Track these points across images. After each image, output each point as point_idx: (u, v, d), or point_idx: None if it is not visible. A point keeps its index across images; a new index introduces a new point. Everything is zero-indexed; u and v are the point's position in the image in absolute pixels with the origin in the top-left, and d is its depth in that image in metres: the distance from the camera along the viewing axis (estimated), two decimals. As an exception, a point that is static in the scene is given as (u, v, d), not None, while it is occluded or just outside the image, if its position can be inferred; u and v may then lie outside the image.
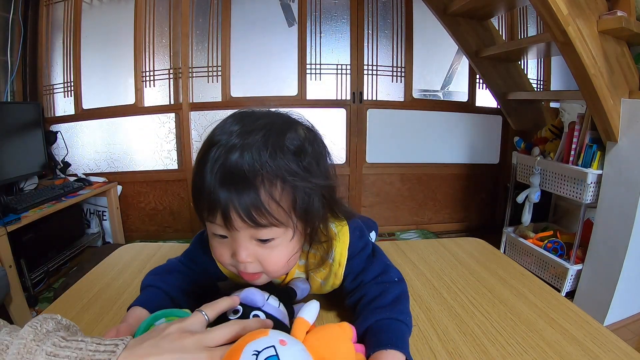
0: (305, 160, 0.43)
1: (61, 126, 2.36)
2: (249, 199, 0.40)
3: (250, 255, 0.44)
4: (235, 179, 0.40)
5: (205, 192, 0.41)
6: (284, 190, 0.42)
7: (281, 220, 0.42)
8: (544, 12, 1.29)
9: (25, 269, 1.62)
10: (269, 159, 0.41)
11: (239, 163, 0.40)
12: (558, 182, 1.71)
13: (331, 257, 0.51)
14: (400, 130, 2.51)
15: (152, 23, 2.31)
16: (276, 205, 0.41)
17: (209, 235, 0.47)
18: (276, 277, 0.50)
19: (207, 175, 0.41)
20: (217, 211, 0.41)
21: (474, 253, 0.78)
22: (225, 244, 0.45)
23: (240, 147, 0.41)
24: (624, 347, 0.47)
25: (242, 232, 0.42)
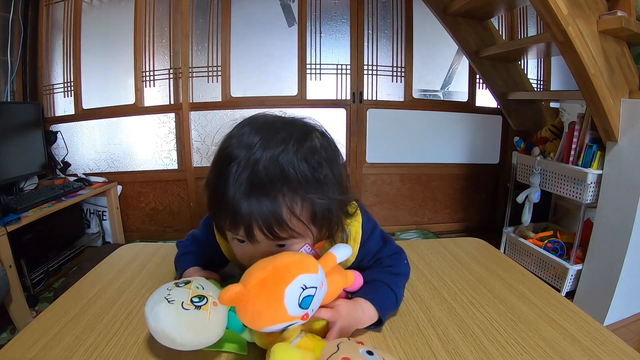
0: (323, 173, 0.45)
1: (61, 126, 2.36)
2: (271, 216, 0.42)
3: None
4: (258, 196, 0.41)
5: (228, 207, 0.42)
6: (304, 206, 0.44)
7: (300, 232, 0.45)
8: (544, 12, 1.29)
9: (25, 269, 1.62)
10: (290, 177, 0.42)
11: (261, 181, 0.42)
12: (558, 182, 1.71)
13: (346, 235, 0.54)
14: (400, 130, 2.51)
15: (152, 23, 2.31)
16: (297, 220, 0.43)
17: (229, 237, 0.49)
18: None
19: (229, 191, 0.42)
20: (240, 226, 0.43)
21: (474, 253, 0.78)
22: (246, 249, 0.47)
23: (261, 165, 0.42)
24: (624, 347, 0.47)
25: (263, 243, 0.44)
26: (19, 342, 0.48)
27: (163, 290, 0.42)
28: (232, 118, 2.37)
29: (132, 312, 0.54)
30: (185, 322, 0.39)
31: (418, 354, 0.46)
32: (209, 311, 0.40)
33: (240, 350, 0.45)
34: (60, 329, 0.50)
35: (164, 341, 0.40)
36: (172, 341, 0.39)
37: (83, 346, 0.47)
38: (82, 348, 0.46)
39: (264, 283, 0.38)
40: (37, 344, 0.47)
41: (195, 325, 0.39)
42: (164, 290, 0.42)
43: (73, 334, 0.49)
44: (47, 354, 0.45)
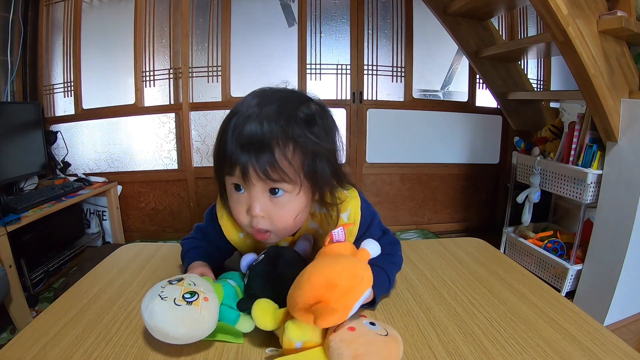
0: (315, 128, 0.50)
1: (61, 126, 2.36)
2: (265, 158, 0.46)
3: (262, 209, 0.50)
4: (253, 140, 0.46)
5: (227, 153, 0.48)
6: (295, 152, 0.48)
7: (291, 177, 0.48)
8: (544, 12, 1.29)
9: (25, 268, 1.62)
10: (283, 124, 0.47)
11: (256, 127, 0.47)
12: (558, 182, 1.71)
13: (346, 216, 0.57)
14: (400, 130, 2.51)
15: (152, 23, 2.31)
16: (288, 163, 0.48)
17: (228, 192, 0.53)
18: (284, 235, 0.55)
19: (228, 138, 0.48)
20: (237, 167, 0.47)
21: (474, 253, 0.78)
22: (242, 200, 0.51)
23: (257, 115, 0.47)
24: (624, 347, 0.47)
25: (257, 186, 0.49)
26: (19, 342, 0.48)
27: (157, 288, 0.44)
28: (232, 118, 2.38)
29: (132, 312, 0.54)
30: (178, 317, 0.41)
31: (418, 354, 0.46)
32: (199, 306, 0.42)
33: (236, 339, 0.47)
34: (60, 329, 0.50)
35: (158, 336, 0.42)
36: (166, 335, 0.41)
37: (83, 346, 0.47)
38: (82, 348, 0.46)
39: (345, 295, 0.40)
40: (37, 344, 0.47)
41: (187, 319, 0.42)
42: (158, 288, 0.44)
43: (73, 334, 0.49)
44: (47, 354, 0.45)
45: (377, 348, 0.39)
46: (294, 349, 0.42)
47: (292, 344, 0.42)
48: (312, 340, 0.42)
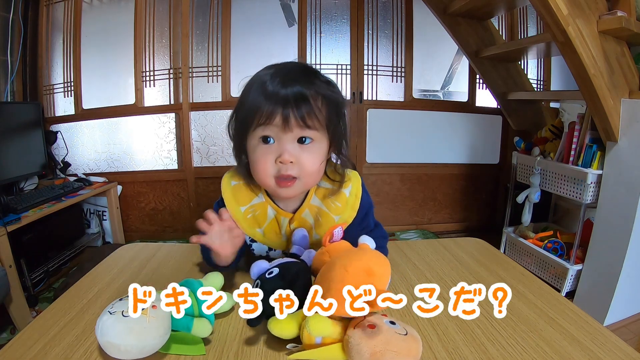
0: (334, 88, 0.60)
1: (61, 126, 2.36)
2: (303, 107, 0.54)
3: (292, 155, 0.56)
4: (293, 92, 0.54)
5: (263, 105, 0.54)
6: (323, 104, 0.57)
7: (319, 128, 0.56)
8: (544, 12, 1.29)
9: (25, 268, 1.62)
10: (312, 81, 0.56)
11: (292, 82, 0.54)
12: (558, 182, 1.71)
13: (348, 191, 0.65)
14: (400, 130, 2.51)
15: (152, 23, 2.31)
16: (319, 112, 0.56)
17: (251, 148, 0.58)
18: (307, 184, 0.61)
19: (267, 88, 0.54)
20: (277, 114, 0.54)
21: (474, 253, 0.78)
22: (270, 150, 0.56)
23: (287, 74, 0.56)
24: (624, 347, 0.47)
25: (290, 135, 0.55)
26: (19, 342, 0.48)
27: (108, 306, 0.45)
28: (232, 118, 2.38)
29: (132, 312, 0.54)
30: (125, 327, 0.41)
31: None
32: (147, 314, 0.42)
33: (197, 351, 0.46)
34: (60, 329, 0.50)
35: (111, 352, 0.42)
36: (118, 349, 0.41)
37: (83, 346, 0.47)
38: (82, 348, 0.46)
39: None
40: (37, 344, 0.47)
41: (135, 329, 0.41)
42: (109, 306, 0.45)
43: (73, 334, 0.49)
44: (47, 354, 0.45)
45: (396, 346, 0.39)
46: (314, 344, 0.43)
47: (312, 339, 0.43)
48: (332, 335, 0.43)
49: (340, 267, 0.44)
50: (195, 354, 0.45)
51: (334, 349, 0.42)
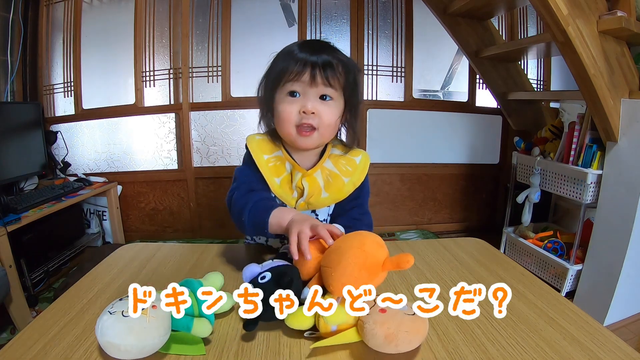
0: (352, 62, 0.71)
1: (61, 126, 2.36)
2: (328, 68, 0.66)
3: (314, 107, 0.66)
4: (323, 50, 0.67)
5: (296, 62, 0.65)
6: (342, 70, 0.68)
7: (337, 89, 0.68)
8: (544, 12, 1.29)
9: (25, 268, 1.62)
10: (334, 52, 0.69)
11: (320, 49, 0.68)
12: (558, 182, 1.71)
13: (358, 159, 0.76)
14: (400, 130, 2.51)
15: (152, 23, 2.31)
16: (340, 75, 0.67)
17: (278, 101, 0.69)
18: (323, 138, 0.70)
19: (297, 52, 0.66)
20: (307, 72, 0.65)
21: (474, 253, 0.78)
22: (296, 102, 0.67)
23: (314, 44, 0.70)
24: (624, 347, 0.47)
25: (314, 90, 0.66)
26: (19, 342, 0.48)
27: (108, 306, 0.45)
28: (232, 118, 2.38)
29: (132, 312, 0.54)
30: (125, 327, 0.41)
31: (418, 354, 0.46)
32: (147, 314, 0.43)
33: (197, 351, 0.46)
34: (60, 329, 0.50)
35: (111, 352, 0.42)
36: (118, 349, 0.41)
37: (83, 346, 0.47)
38: (82, 348, 0.46)
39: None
40: (37, 344, 0.47)
41: (135, 329, 0.42)
42: (109, 306, 0.45)
43: (73, 334, 0.49)
44: (47, 354, 0.45)
45: (406, 327, 0.44)
46: (330, 332, 0.47)
47: (328, 327, 0.47)
48: (347, 322, 0.47)
49: (356, 249, 0.49)
50: (195, 354, 0.45)
51: (350, 334, 0.47)
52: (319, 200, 0.73)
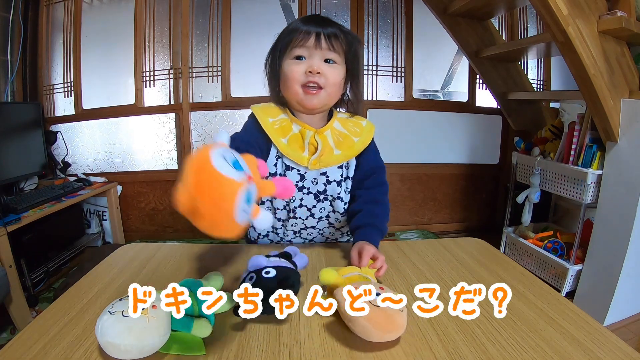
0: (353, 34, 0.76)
1: (61, 126, 2.36)
2: (332, 31, 0.71)
3: (320, 67, 0.70)
4: (326, 21, 0.72)
5: (301, 30, 0.70)
6: (344, 40, 0.73)
7: (342, 52, 0.73)
8: (544, 12, 1.29)
9: (25, 269, 1.62)
10: (340, 25, 0.74)
11: (323, 18, 0.73)
12: (558, 182, 1.71)
13: (364, 122, 0.82)
14: (400, 130, 2.51)
15: (152, 23, 2.31)
16: (342, 41, 0.72)
17: (286, 65, 0.72)
18: (329, 97, 0.74)
19: (301, 24, 0.71)
20: (312, 35, 0.70)
21: (474, 253, 0.78)
22: (301, 64, 0.71)
23: (319, 16, 0.75)
24: (624, 347, 0.47)
25: (318, 53, 0.71)
26: (19, 342, 0.48)
27: (108, 306, 0.45)
28: (232, 118, 2.38)
29: (132, 312, 0.54)
30: (125, 327, 0.41)
31: (418, 354, 0.46)
32: (147, 314, 0.43)
33: (197, 351, 0.46)
34: (60, 329, 0.50)
35: (111, 352, 0.42)
36: (118, 349, 0.42)
37: (83, 346, 0.47)
38: (82, 348, 0.46)
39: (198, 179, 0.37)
40: (37, 344, 0.47)
41: (135, 329, 0.42)
42: (109, 306, 0.45)
43: (73, 334, 0.49)
44: (47, 354, 0.45)
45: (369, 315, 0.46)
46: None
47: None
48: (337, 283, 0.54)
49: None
50: (195, 354, 0.45)
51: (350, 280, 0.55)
52: (332, 157, 0.75)
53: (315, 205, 0.79)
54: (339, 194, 0.79)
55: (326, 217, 0.82)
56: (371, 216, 0.74)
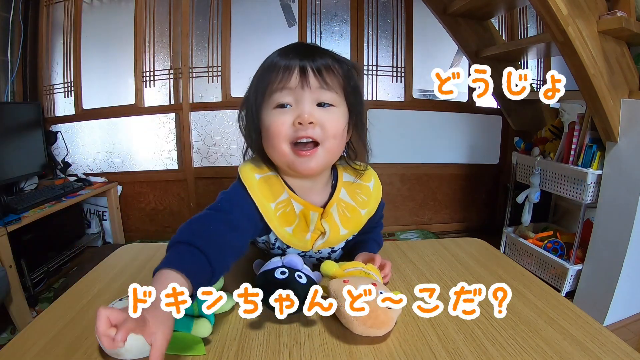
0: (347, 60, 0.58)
1: (61, 126, 2.36)
2: (322, 63, 0.53)
3: (312, 115, 0.52)
4: (312, 50, 0.55)
5: (283, 61, 0.53)
6: (341, 71, 0.56)
7: (337, 92, 0.55)
8: (544, 12, 1.29)
9: (25, 269, 1.62)
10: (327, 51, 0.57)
11: (307, 45, 0.58)
12: (558, 182, 1.71)
13: (371, 185, 0.67)
14: (400, 130, 2.51)
15: (152, 23, 2.31)
16: (336, 72, 0.55)
17: (267, 116, 0.55)
18: (329, 155, 0.56)
19: (279, 59, 0.54)
20: (295, 70, 0.52)
21: (474, 253, 0.78)
22: (288, 113, 0.53)
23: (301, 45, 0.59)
24: (624, 347, 0.47)
25: (308, 95, 0.53)
26: (19, 342, 0.48)
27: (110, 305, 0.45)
28: (232, 118, 2.38)
29: (132, 312, 0.54)
30: None
31: (418, 354, 0.46)
32: None
33: (197, 351, 0.46)
34: (60, 329, 0.50)
35: (111, 352, 0.43)
36: (117, 350, 0.42)
37: (83, 346, 0.47)
38: (82, 348, 0.46)
39: None
40: (37, 344, 0.47)
41: None
42: (109, 306, 0.45)
43: (73, 334, 0.49)
44: (47, 354, 0.45)
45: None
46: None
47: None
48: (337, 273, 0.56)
49: None
50: (195, 354, 0.45)
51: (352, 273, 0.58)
52: (338, 237, 0.62)
53: (315, 264, 0.68)
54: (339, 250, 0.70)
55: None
56: (369, 232, 0.71)
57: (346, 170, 0.65)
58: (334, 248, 0.67)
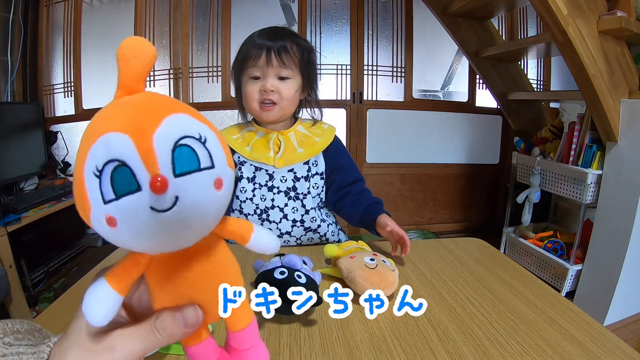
0: (306, 42, 0.82)
1: (61, 126, 2.36)
2: (282, 46, 0.76)
3: (273, 85, 0.77)
4: (277, 34, 0.78)
5: (255, 47, 0.76)
6: (297, 51, 0.78)
7: (295, 66, 0.78)
8: (544, 12, 1.29)
9: (25, 269, 1.62)
10: (290, 35, 0.79)
11: (275, 33, 0.78)
12: (558, 182, 1.71)
13: (326, 125, 0.88)
14: (400, 130, 2.51)
15: (152, 23, 2.31)
16: (294, 55, 0.78)
17: (244, 84, 0.79)
18: (284, 111, 0.80)
19: (256, 40, 0.77)
20: (263, 51, 0.75)
21: (474, 253, 0.78)
22: (257, 83, 0.77)
23: (271, 29, 0.80)
24: (624, 347, 0.47)
25: (271, 71, 0.76)
26: (19, 342, 0.48)
27: None
28: (232, 118, 2.38)
29: (132, 312, 0.54)
30: None
31: (418, 354, 0.46)
32: None
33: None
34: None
35: None
36: None
37: (83, 346, 0.46)
38: (83, 348, 0.46)
39: None
40: (38, 344, 0.47)
41: None
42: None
43: (73, 334, 0.49)
44: (48, 354, 0.45)
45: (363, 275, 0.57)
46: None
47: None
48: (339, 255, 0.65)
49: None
50: None
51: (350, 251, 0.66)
52: (295, 155, 0.82)
53: (287, 203, 0.82)
54: (308, 189, 0.83)
55: (300, 222, 0.83)
56: (368, 198, 0.85)
57: (304, 123, 0.87)
58: (296, 173, 0.82)
